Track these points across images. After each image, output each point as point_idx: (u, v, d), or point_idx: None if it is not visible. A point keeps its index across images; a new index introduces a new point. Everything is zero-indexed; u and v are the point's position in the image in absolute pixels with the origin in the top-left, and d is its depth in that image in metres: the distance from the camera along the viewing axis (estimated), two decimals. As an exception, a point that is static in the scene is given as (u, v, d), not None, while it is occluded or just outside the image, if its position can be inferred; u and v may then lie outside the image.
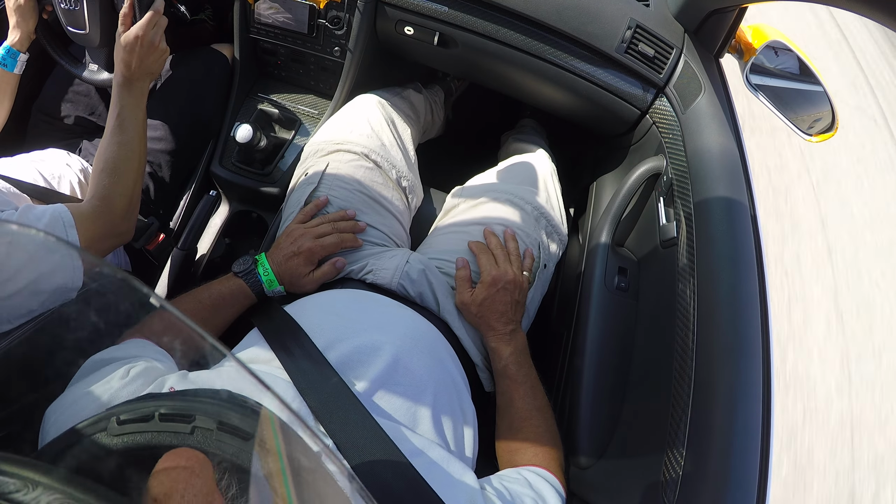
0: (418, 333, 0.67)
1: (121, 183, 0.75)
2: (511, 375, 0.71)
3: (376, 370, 0.57)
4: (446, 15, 0.90)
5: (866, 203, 2.17)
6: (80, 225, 0.67)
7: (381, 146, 0.90)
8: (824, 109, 0.80)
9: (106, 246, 0.76)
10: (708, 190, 0.72)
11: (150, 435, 0.29)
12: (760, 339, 0.59)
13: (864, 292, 1.91)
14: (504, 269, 0.76)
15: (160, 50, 0.80)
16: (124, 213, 0.75)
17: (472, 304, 0.74)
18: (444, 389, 0.62)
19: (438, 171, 1.07)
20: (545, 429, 0.67)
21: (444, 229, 0.89)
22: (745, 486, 0.51)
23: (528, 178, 0.94)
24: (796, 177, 2.18)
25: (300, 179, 0.88)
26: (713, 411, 0.55)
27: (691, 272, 0.68)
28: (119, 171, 0.75)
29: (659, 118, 0.88)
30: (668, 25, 0.86)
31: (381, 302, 0.71)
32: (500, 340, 0.73)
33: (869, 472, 1.54)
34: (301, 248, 0.75)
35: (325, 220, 0.79)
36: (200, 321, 0.69)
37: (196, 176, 1.07)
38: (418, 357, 0.61)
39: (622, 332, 0.82)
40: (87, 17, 0.83)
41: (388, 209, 0.88)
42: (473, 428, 0.65)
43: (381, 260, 0.78)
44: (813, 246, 1.99)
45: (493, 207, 0.87)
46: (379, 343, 0.60)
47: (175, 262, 0.95)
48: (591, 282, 0.87)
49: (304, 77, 1.10)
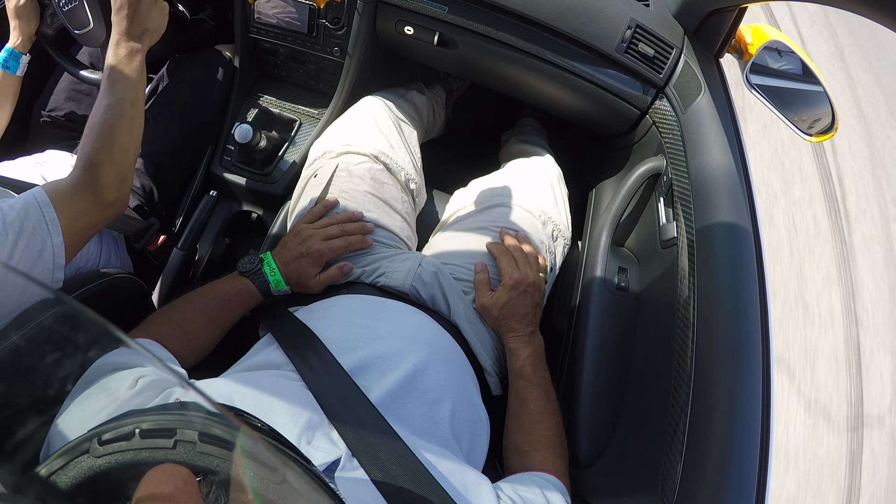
0: (438, 342, 0.67)
1: (108, 149, 0.68)
2: (527, 377, 0.71)
3: (395, 377, 0.57)
4: (446, 15, 0.90)
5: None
6: (58, 202, 0.62)
7: (389, 148, 0.89)
8: (824, 109, 0.80)
9: (93, 220, 0.69)
10: (708, 190, 0.72)
11: (133, 453, 0.29)
12: (760, 339, 0.59)
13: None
14: (525, 271, 0.76)
15: (160, 3, 0.77)
16: (112, 183, 0.68)
17: (494, 307, 0.74)
18: (462, 397, 0.62)
19: (439, 171, 1.07)
20: (555, 433, 0.68)
21: (453, 233, 0.88)
22: (744, 486, 0.51)
23: (537, 183, 0.94)
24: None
25: (309, 181, 0.88)
26: (713, 411, 0.55)
27: (691, 272, 0.68)
28: (107, 137, 0.68)
29: (659, 118, 0.88)
30: (668, 25, 0.86)
31: (397, 308, 0.71)
32: (519, 341, 0.73)
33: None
34: (309, 249, 0.74)
35: (333, 222, 0.79)
36: (208, 321, 0.69)
37: (197, 176, 1.07)
38: (439, 365, 0.61)
39: (622, 332, 0.82)
40: (88, 12, 0.83)
41: (398, 211, 0.87)
42: (487, 434, 0.65)
43: (394, 262, 0.78)
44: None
45: (502, 212, 0.87)
46: (398, 350, 0.60)
47: (175, 262, 0.95)
48: (591, 282, 0.87)
49: (304, 77, 1.10)
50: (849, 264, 1.97)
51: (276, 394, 0.49)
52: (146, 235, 0.91)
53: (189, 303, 0.69)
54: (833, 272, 1.94)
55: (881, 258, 2.02)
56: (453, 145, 1.35)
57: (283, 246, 0.77)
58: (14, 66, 0.87)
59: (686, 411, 0.58)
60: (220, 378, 0.56)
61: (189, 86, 1.03)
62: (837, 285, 1.91)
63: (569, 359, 0.86)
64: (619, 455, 0.71)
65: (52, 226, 0.61)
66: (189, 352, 0.66)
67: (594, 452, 0.73)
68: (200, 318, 0.68)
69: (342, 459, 0.45)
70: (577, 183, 1.22)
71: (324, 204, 0.82)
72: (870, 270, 1.97)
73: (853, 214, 2.11)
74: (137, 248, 0.91)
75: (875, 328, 1.85)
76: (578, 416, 0.76)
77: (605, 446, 0.74)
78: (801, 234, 2.00)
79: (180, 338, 0.65)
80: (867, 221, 2.11)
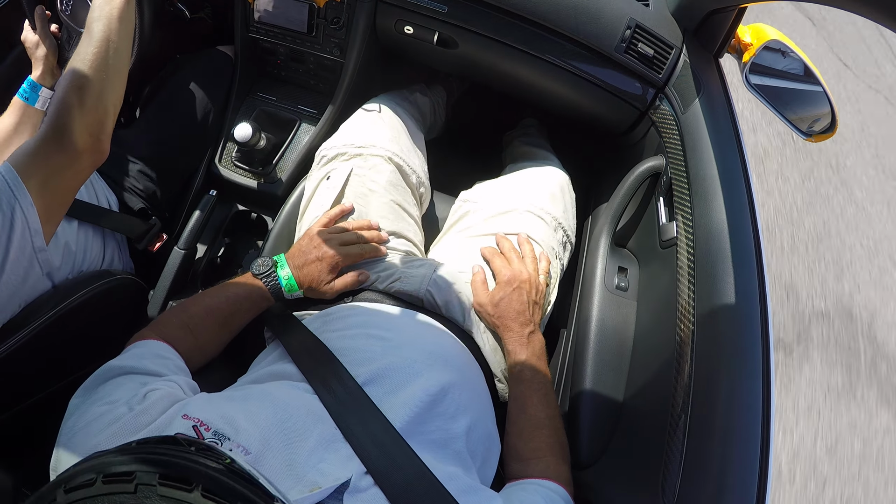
0: (459, 360, 0.66)
1: (77, 91, 0.62)
2: (526, 381, 0.69)
3: (414, 395, 0.55)
4: (445, 15, 0.90)
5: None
6: (22, 164, 0.58)
7: (401, 150, 0.89)
8: (824, 109, 0.80)
9: (69, 174, 0.63)
10: (708, 190, 0.72)
11: (96, 500, 0.29)
12: (760, 339, 0.59)
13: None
14: (518, 268, 0.76)
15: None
16: (83, 128, 0.62)
17: (489, 305, 0.73)
18: (479, 415, 0.61)
19: (440, 172, 1.07)
20: (556, 440, 0.66)
21: (464, 238, 0.87)
22: (744, 486, 0.51)
23: (547, 188, 0.93)
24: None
25: (321, 182, 0.86)
26: (713, 411, 0.55)
27: (691, 272, 0.68)
28: (77, 78, 0.62)
29: (659, 118, 0.88)
30: (668, 25, 0.86)
31: (413, 319, 0.70)
32: (516, 343, 0.72)
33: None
34: (325, 255, 0.73)
35: (350, 228, 0.78)
36: (218, 324, 0.68)
37: (198, 176, 1.07)
38: (460, 386, 0.60)
39: (622, 332, 0.82)
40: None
41: (411, 214, 0.87)
42: (498, 448, 0.64)
43: (409, 268, 0.77)
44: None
45: (513, 217, 0.86)
46: (413, 362, 0.59)
47: (174, 261, 0.95)
48: (592, 282, 0.87)
49: (304, 77, 1.10)
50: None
51: (288, 409, 0.49)
52: (147, 236, 0.91)
53: (199, 305, 0.68)
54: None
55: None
56: (453, 146, 1.35)
57: (297, 249, 0.75)
58: (33, 97, 0.85)
59: (686, 411, 0.58)
60: (229, 391, 0.55)
61: (189, 86, 1.03)
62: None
63: (569, 359, 0.86)
64: (620, 455, 0.71)
65: (18, 189, 0.57)
66: (198, 353, 0.66)
67: (595, 453, 0.73)
68: (210, 320, 0.67)
69: (352, 480, 0.44)
70: (577, 183, 1.22)
71: (341, 208, 0.81)
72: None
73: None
74: (139, 249, 0.91)
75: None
76: (579, 417, 0.76)
77: (605, 446, 0.74)
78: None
79: (190, 340, 0.64)
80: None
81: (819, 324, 1.79)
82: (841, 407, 1.63)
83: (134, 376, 0.53)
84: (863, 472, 1.53)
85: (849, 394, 1.67)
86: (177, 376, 0.55)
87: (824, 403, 1.63)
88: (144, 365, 0.55)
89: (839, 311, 1.83)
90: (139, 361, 0.55)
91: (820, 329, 1.78)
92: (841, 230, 2.04)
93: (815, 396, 1.63)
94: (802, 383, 1.65)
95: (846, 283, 1.90)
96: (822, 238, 2.00)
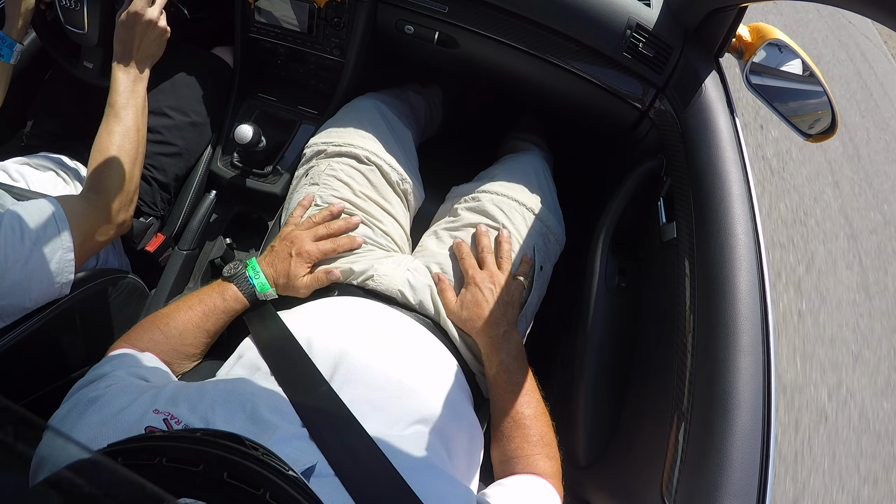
0: (431, 358, 0.66)
1: (116, 173, 0.73)
2: (502, 384, 0.68)
3: (382, 394, 0.56)
4: (446, 15, 0.90)
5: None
6: (72, 220, 0.67)
7: (381, 149, 0.89)
8: (824, 109, 0.80)
9: (103, 239, 0.74)
10: (707, 190, 0.72)
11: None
12: (760, 339, 0.59)
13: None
14: (490, 269, 0.75)
15: (160, 29, 0.79)
16: (121, 205, 0.74)
17: (458, 308, 0.73)
18: (453, 415, 0.61)
19: (436, 171, 1.07)
20: (540, 437, 0.65)
21: (440, 233, 0.88)
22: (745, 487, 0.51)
23: (522, 177, 0.92)
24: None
25: (300, 181, 0.88)
26: (713, 411, 0.55)
27: (691, 272, 0.68)
28: (116, 165, 0.73)
29: (659, 118, 0.88)
30: (668, 25, 0.86)
31: (386, 314, 0.70)
32: (490, 346, 0.70)
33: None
34: (299, 250, 0.74)
35: (316, 220, 0.78)
36: (193, 327, 0.68)
37: (197, 176, 1.07)
38: (433, 388, 0.60)
39: (622, 333, 0.82)
40: (86, 17, 0.83)
41: (389, 212, 0.87)
42: (482, 441, 0.64)
43: (384, 266, 0.77)
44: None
45: (487, 209, 0.85)
46: (382, 357, 0.59)
47: (175, 262, 0.95)
48: (592, 282, 0.87)
49: (304, 77, 1.10)
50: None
51: (253, 401, 0.49)
52: (145, 236, 0.91)
53: (175, 310, 0.68)
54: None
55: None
56: (451, 145, 1.35)
57: (269, 250, 0.77)
58: (8, 53, 0.85)
59: (686, 411, 0.58)
60: (201, 384, 0.55)
61: (189, 86, 1.03)
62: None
63: (569, 359, 0.86)
64: (620, 455, 0.71)
65: (65, 243, 0.66)
66: (178, 358, 0.66)
67: (595, 453, 0.73)
68: (185, 325, 0.67)
69: (317, 466, 0.44)
70: (577, 183, 1.22)
71: (300, 204, 0.82)
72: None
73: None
74: (137, 248, 0.90)
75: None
76: (579, 417, 0.76)
77: (605, 446, 0.73)
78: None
79: (165, 344, 0.65)
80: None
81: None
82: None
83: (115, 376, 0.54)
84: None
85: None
86: (141, 376, 0.56)
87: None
88: (129, 371, 0.55)
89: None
90: (117, 369, 0.56)
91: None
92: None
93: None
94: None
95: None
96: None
